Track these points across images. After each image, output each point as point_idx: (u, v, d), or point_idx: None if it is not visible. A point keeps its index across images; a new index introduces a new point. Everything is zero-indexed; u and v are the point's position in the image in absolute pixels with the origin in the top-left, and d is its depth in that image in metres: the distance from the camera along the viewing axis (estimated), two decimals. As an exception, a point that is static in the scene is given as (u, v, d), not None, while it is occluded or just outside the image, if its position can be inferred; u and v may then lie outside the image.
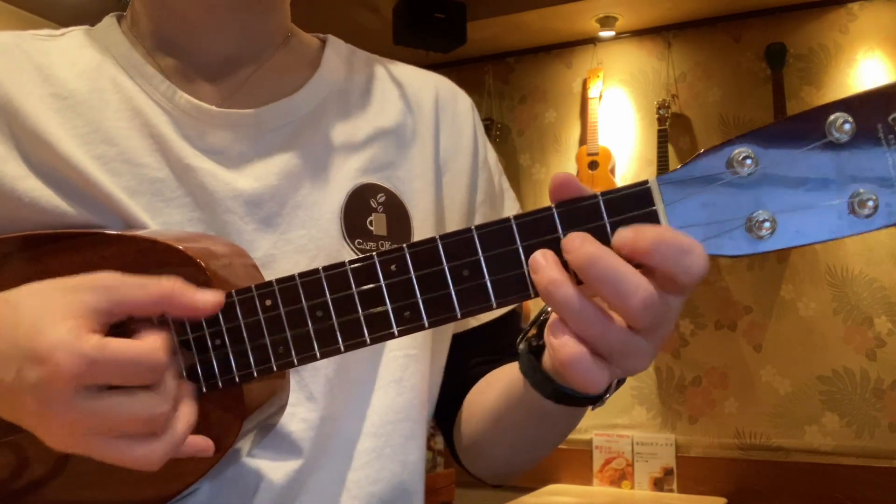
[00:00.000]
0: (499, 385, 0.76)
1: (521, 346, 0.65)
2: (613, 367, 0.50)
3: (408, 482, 0.75)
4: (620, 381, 0.60)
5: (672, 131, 3.20)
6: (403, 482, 0.75)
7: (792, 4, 3.10)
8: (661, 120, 3.18)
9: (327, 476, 0.71)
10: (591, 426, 3.23)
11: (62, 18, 2.98)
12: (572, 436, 3.45)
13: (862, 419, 2.90)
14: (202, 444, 0.57)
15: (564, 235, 0.49)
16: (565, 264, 0.49)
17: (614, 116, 3.36)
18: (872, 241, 2.93)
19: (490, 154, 0.88)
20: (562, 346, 0.49)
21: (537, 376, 0.64)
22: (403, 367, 0.75)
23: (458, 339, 0.84)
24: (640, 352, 0.50)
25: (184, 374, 0.57)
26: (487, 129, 3.47)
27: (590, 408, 0.64)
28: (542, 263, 0.49)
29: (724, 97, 3.21)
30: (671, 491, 3.08)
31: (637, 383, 3.22)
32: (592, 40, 3.41)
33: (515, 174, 3.52)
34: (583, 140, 3.39)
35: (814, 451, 2.94)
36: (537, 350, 0.64)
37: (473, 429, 0.80)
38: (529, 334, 0.65)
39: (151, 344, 0.53)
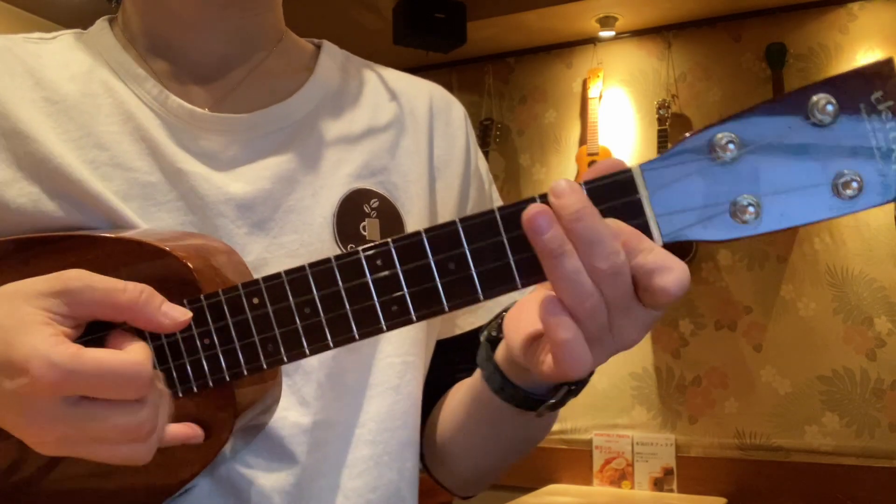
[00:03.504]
0: (463, 388, 0.76)
1: (483, 336, 0.66)
2: (601, 346, 0.50)
3: (404, 489, 0.75)
4: (571, 392, 0.60)
5: (672, 131, 3.19)
6: (400, 489, 0.74)
7: (792, 4, 3.09)
8: (661, 120, 3.18)
9: (325, 483, 0.70)
10: (591, 426, 3.23)
11: (61, 18, 2.98)
12: (572, 436, 3.43)
13: (862, 419, 2.90)
14: (190, 431, 0.57)
15: None
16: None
17: (614, 116, 3.36)
18: (872, 240, 2.92)
19: (481, 163, 0.88)
20: (558, 326, 0.48)
21: (489, 366, 0.64)
22: (401, 374, 0.74)
23: (441, 347, 0.84)
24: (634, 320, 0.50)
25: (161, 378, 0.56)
26: (487, 129, 3.47)
27: (534, 414, 0.64)
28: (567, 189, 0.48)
29: (724, 97, 3.20)
30: (671, 491, 3.08)
31: (637, 383, 3.22)
32: (592, 40, 3.40)
33: (515, 174, 3.51)
34: (583, 140, 3.38)
35: (814, 451, 2.93)
36: (495, 340, 0.64)
37: (440, 433, 0.80)
38: (491, 326, 0.65)
39: (134, 355, 0.52)
